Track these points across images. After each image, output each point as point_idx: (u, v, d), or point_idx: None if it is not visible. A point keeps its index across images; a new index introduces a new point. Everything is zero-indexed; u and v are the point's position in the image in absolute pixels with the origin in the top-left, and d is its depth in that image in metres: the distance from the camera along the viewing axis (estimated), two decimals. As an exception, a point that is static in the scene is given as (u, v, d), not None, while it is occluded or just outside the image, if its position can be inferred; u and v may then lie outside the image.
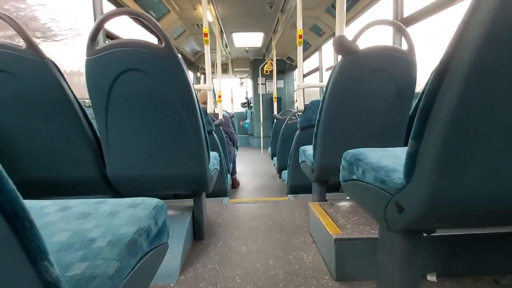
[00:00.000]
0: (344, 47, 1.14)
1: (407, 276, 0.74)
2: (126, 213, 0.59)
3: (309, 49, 4.76)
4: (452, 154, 0.49)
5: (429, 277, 1.04)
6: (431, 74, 0.52)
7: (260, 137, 6.27)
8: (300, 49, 2.25)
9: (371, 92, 1.25)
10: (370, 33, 1.29)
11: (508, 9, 0.40)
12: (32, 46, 0.98)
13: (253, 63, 6.60)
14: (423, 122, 0.52)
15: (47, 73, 1.00)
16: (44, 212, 0.61)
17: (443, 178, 0.51)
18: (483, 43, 0.42)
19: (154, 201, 0.66)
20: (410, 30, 1.94)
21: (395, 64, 1.22)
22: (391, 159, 0.77)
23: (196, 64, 5.89)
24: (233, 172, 3.25)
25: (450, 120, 0.47)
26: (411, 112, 1.36)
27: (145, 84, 1.02)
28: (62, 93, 1.03)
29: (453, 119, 0.47)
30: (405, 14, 2.07)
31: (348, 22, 3.09)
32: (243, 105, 7.81)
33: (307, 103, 2.03)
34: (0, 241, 0.26)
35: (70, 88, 1.07)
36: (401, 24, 1.24)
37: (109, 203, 0.64)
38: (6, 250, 0.26)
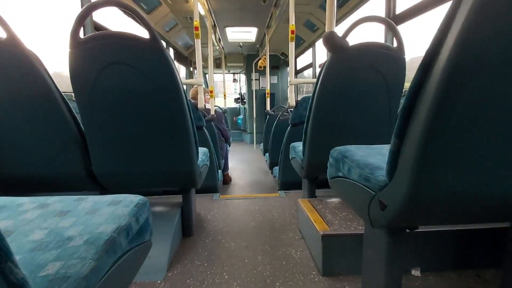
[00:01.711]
0: (333, 44, 1.13)
1: (391, 271, 0.75)
2: (106, 211, 0.57)
3: (303, 45, 4.74)
4: (432, 152, 0.49)
5: (413, 272, 1.06)
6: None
7: (253, 133, 6.26)
8: (292, 45, 2.23)
9: (360, 89, 1.25)
10: (363, 29, 1.28)
11: (487, 8, 0.40)
12: (12, 38, 0.94)
13: (246, 58, 6.55)
14: (405, 121, 0.52)
15: (28, 66, 0.97)
16: (21, 210, 0.59)
17: (423, 175, 0.51)
18: (464, 44, 0.42)
19: (137, 198, 0.64)
20: (404, 27, 1.95)
21: (384, 62, 1.22)
22: (377, 156, 0.78)
23: (189, 58, 5.82)
24: (225, 168, 3.24)
25: (431, 118, 0.47)
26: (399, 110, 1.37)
27: (130, 78, 0.99)
28: (45, 87, 1.00)
29: (433, 118, 0.47)
30: (398, 11, 2.07)
31: (341, 18, 3.08)
32: (236, 100, 7.76)
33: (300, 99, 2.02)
34: None
35: (53, 81, 1.04)
36: (391, 21, 1.24)
37: (90, 201, 0.63)
38: None
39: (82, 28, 1.34)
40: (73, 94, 1.03)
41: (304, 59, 5.20)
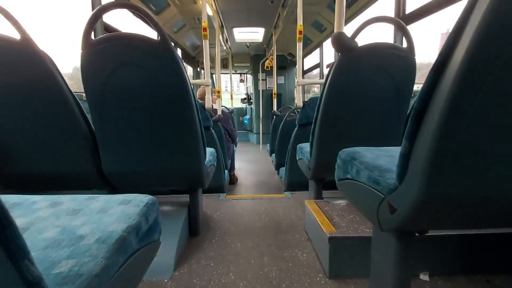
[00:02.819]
0: (342, 44, 1.13)
1: (399, 275, 0.74)
2: (116, 210, 0.58)
3: (310, 45, 4.72)
4: (445, 156, 0.48)
5: (422, 276, 1.05)
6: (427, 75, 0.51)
7: (259, 133, 6.26)
8: (300, 45, 2.23)
9: (369, 90, 1.24)
10: (372, 29, 1.27)
11: (503, 12, 0.40)
12: (26, 39, 0.97)
13: (253, 59, 6.55)
14: (416, 123, 0.52)
15: (41, 66, 0.99)
16: (35, 208, 0.61)
17: (435, 179, 0.50)
18: (479, 45, 0.42)
19: (146, 198, 0.65)
20: (414, 27, 1.93)
21: (394, 63, 1.20)
22: (386, 159, 0.77)
23: (196, 58, 5.85)
24: (232, 168, 3.25)
25: (443, 121, 0.46)
26: (409, 111, 1.36)
27: (140, 79, 1.01)
28: (56, 87, 1.02)
29: (446, 121, 0.46)
30: (408, 11, 2.04)
31: (349, 18, 3.06)
32: (243, 101, 7.77)
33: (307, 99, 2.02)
34: None
35: (65, 81, 1.06)
36: (401, 21, 1.23)
37: (101, 200, 0.64)
38: None
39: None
40: (83, 94, 1.05)
41: (311, 59, 5.18)
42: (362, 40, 1.20)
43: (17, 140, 1.11)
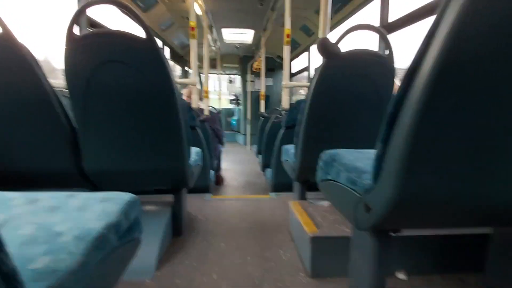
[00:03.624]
0: (327, 50, 1.16)
1: (376, 273, 0.77)
2: (96, 208, 0.58)
3: (299, 48, 4.79)
4: (415, 157, 0.51)
5: (399, 275, 1.09)
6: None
7: (246, 134, 6.27)
8: (287, 48, 2.26)
9: (352, 94, 1.28)
10: (358, 36, 1.31)
11: (469, 22, 0.43)
12: (7, 33, 0.94)
13: (242, 60, 6.57)
14: (390, 126, 0.55)
15: (21, 60, 0.97)
16: (12, 204, 0.59)
17: (406, 179, 0.53)
18: (445, 55, 0.45)
19: (127, 195, 0.65)
20: (404, 34, 1.99)
21: (375, 69, 1.25)
22: (365, 160, 0.80)
23: (184, 58, 5.81)
24: (218, 169, 3.24)
25: (413, 125, 0.49)
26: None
27: (125, 76, 1.00)
28: (37, 83, 1.00)
29: (416, 125, 0.49)
30: (391, 19, 2.12)
31: (336, 25, 3.13)
32: (231, 101, 7.77)
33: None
34: None
35: (45, 76, 1.04)
36: (381, 30, 1.28)
37: (80, 197, 0.63)
38: None
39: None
40: (66, 90, 1.03)
41: (299, 62, 5.25)
42: (348, 46, 1.24)
43: None
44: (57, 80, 1.06)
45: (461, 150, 0.52)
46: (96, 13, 2.15)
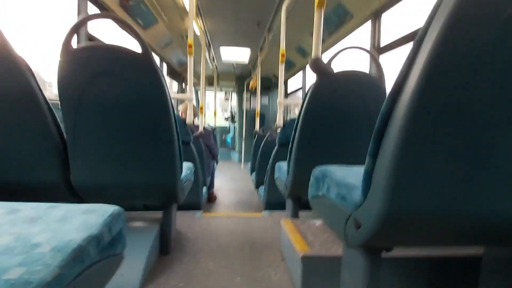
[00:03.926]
0: (319, 68, 1.19)
1: None
2: (78, 219, 0.56)
3: (294, 68, 4.92)
4: (402, 172, 0.52)
5: None
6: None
7: (241, 152, 6.26)
8: (282, 67, 2.32)
9: (343, 112, 1.31)
10: (350, 58, 1.36)
11: (451, 41, 0.45)
12: (3, 42, 0.95)
13: (239, 78, 6.70)
14: (377, 142, 0.55)
15: (17, 71, 0.97)
16: None
17: (395, 194, 0.53)
18: (430, 71, 0.47)
19: (112, 208, 0.63)
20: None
21: (366, 89, 1.28)
22: (356, 176, 0.80)
23: (182, 75, 5.90)
24: (211, 186, 3.20)
25: (400, 139, 0.50)
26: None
27: (119, 89, 1.00)
28: (30, 93, 1.00)
29: (402, 140, 0.50)
30: (383, 41, 2.21)
31: (329, 46, 3.25)
32: (227, 119, 7.83)
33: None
34: None
35: (39, 88, 1.04)
36: (372, 51, 1.33)
37: (63, 208, 0.61)
38: None
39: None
40: (59, 102, 1.02)
41: (295, 82, 5.37)
42: (341, 67, 1.28)
43: None
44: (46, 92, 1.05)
45: (448, 164, 0.52)
46: (96, 29, 2.20)
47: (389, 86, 1.31)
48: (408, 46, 1.90)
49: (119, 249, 0.62)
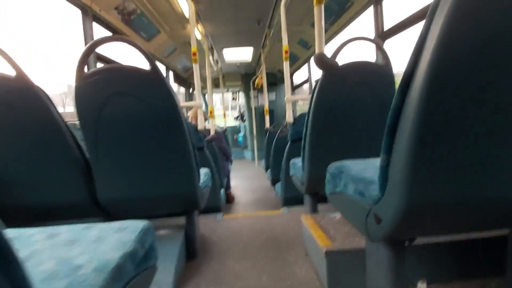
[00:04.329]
0: (324, 63, 1.19)
1: (395, 284, 0.75)
2: (112, 238, 0.60)
3: (298, 61, 4.87)
4: (419, 165, 0.52)
5: (419, 285, 1.05)
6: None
7: (254, 150, 6.29)
8: (286, 64, 2.31)
9: (353, 104, 1.30)
10: (354, 48, 1.35)
11: (460, 28, 0.44)
12: (21, 75, 1.01)
13: (244, 77, 6.70)
14: (391, 137, 0.56)
15: (36, 100, 1.03)
16: (32, 241, 0.62)
17: (413, 187, 0.54)
18: (438, 61, 0.46)
19: (141, 223, 0.67)
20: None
21: (374, 78, 1.27)
22: (372, 170, 0.80)
23: (188, 80, 5.97)
24: (228, 187, 3.25)
25: (414, 133, 0.50)
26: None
27: (133, 107, 1.04)
28: (50, 119, 1.05)
29: (416, 133, 0.50)
30: (386, 27, 2.16)
31: (332, 36, 3.20)
32: (236, 118, 7.87)
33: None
34: None
35: (59, 113, 1.09)
36: (377, 40, 1.31)
37: (97, 228, 0.65)
38: None
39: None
40: (77, 123, 1.08)
41: (301, 74, 5.33)
42: (346, 58, 1.27)
43: (11, 173, 1.12)
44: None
45: (464, 153, 0.52)
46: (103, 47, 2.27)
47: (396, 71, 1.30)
48: (414, 28, 1.85)
49: (152, 261, 0.66)
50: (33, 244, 0.60)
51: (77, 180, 1.16)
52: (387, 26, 2.13)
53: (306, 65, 4.66)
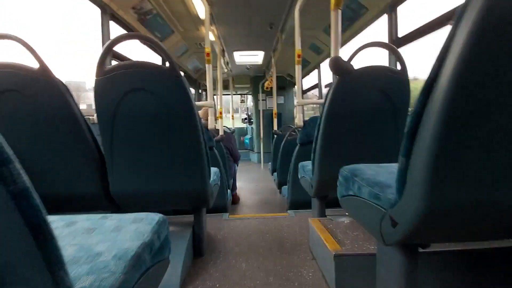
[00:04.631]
0: (339, 68, 1.20)
1: None
2: (130, 228, 0.61)
3: (308, 66, 4.88)
4: (439, 169, 0.52)
5: None
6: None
7: (260, 153, 6.30)
8: (299, 68, 2.32)
9: (367, 109, 1.30)
10: (368, 52, 1.35)
11: (486, 32, 0.44)
12: (44, 68, 1.04)
13: (253, 80, 6.74)
14: (411, 140, 0.56)
15: (57, 93, 1.05)
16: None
17: (432, 191, 0.53)
18: (465, 64, 0.46)
19: (157, 216, 0.68)
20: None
21: (389, 84, 1.27)
22: (386, 175, 0.80)
23: (198, 81, 6.03)
24: (233, 188, 3.26)
25: (436, 136, 0.50)
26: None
27: (149, 103, 1.06)
28: (70, 112, 1.08)
29: (437, 137, 0.50)
30: (400, 34, 2.16)
31: (345, 41, 3.20)
32: (244, 120, 7.91)
33: (307, 119, 2.08)
34: (24, 251, 0.28)
35: (78, 107, 1.12)
36: (393, 46, 1.31)
37: (114, 219, 0.67)
38: (29, 259, 0.29)
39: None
40: (91, 117, 1.10)
41: (309, 80, 5.34)
42: (358, 63, 1.28)
43: (30, 163, 1.15)
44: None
45: (487, 157, 0.51)
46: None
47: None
48: (428, 38, 1.85)
49: (167, 253, 0.67)
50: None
51: (92, 173, 1.18)
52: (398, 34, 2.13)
53: (315, 71, 4.66)
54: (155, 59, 3.33)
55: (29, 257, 0.29)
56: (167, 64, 1.07)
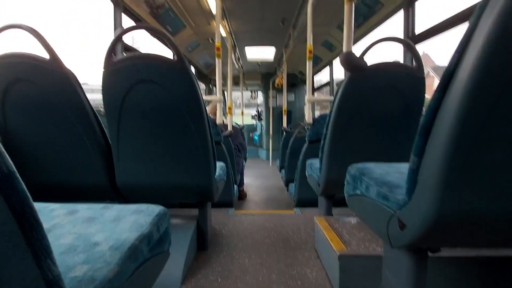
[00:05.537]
0: (351, 64, 1.16)
1: None
2: (129, 219, 0.60)
3: (321, 63, 4.81)
4: (454, 170, 0.49)
5: None
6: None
7: (269, 150, 6.28)
8: (309, 64, 2.28)
9: (378, 107, 1.26)
10: (382, 49, 1.30)
11: (506, 30, 0.41)
12: (54, 58, 1.05)
13: (264, 77, 6.70)
14: (424, 139, 0.53)
15: (67, 83, 1.06)
16: (53, 215, 0.64)
17: (445, 194, 0.50)
18: (482, 62, 0.43)
19: (158, 208, 0.67)
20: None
21: (403, 81, 1.22)
22: (396, 175, 0.77)
23: (209, 76, 6.04)
24: (241, 184, 3.25)
25: (451, 136, 0.47)
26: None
27: (157, 96, 1.06)
28: (79, 103, 1.09)
29: (453, 136, 0.47)
30: (418, 31, 2.08)
31: (359, 38, 3.12)
32: (253, 117, 7.89)
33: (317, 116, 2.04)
34: (7, 237, 0.28)
35: (87, 98, 1.13)
36: (409, 41, 1.26)
37: (115, 209, 0.66)
38: (13, 246, 0.28)
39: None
40: (101, 110, 1.10)
41: (321, 77, 5.27)
42: (372, 60, 1.23)
43: (38, 151, 1.17)
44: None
45: (503, 161, 0.48)
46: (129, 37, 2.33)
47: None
48: (445, 34, 1.77)
49: (166, 246, 0.66)
50: (53, 218, 0.61)
51: (99, 164, 1.19)
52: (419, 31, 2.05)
53: (327, 68, 4.58)
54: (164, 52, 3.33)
55: (12, 244, 0.28)
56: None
